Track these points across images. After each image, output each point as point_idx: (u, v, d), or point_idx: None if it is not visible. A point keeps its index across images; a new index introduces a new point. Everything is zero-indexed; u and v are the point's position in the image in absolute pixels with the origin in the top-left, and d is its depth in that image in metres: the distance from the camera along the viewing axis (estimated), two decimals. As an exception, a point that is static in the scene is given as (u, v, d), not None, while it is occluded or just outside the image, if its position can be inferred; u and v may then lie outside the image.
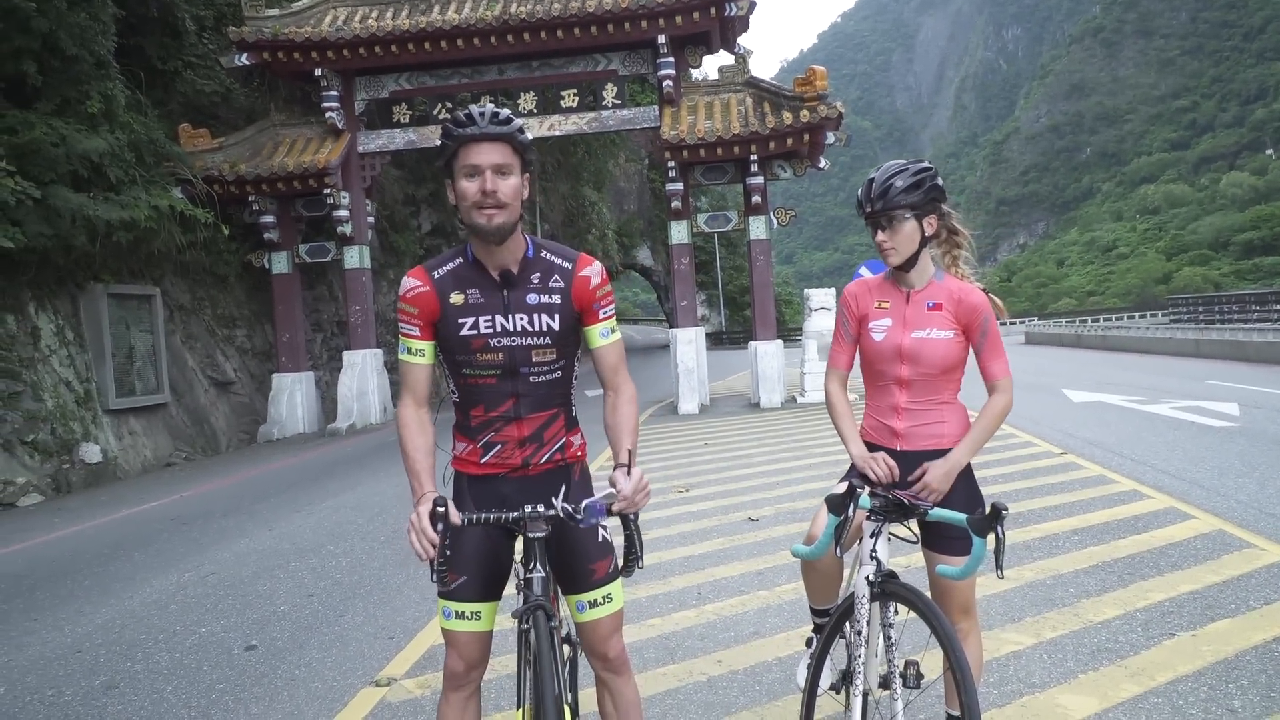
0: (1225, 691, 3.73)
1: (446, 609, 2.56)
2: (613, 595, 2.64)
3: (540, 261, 2.55)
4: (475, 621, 2.56)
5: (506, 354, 2.51)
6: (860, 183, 3.05)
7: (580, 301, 2.55)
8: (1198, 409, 12.90)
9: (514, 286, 2.51)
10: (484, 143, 2.37)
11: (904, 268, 2.99)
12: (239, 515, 9.57)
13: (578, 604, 2.62)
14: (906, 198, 2.88)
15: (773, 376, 17.83)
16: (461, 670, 2.57)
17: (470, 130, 2.37)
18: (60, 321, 14.01)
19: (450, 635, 2.57)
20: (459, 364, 2.55)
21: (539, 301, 2.51)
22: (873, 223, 2.96)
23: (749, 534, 7.03)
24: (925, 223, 2.95)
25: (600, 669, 2.67)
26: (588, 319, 2.58)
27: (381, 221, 21.72)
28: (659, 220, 50.41)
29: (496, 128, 2.37)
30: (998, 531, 2.40)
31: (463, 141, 2.38)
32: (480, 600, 2.57)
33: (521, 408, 2.56)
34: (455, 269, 2.53)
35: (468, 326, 2.49)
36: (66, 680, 4.87)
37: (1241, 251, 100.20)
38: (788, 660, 4.35)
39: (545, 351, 2.53)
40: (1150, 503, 7.24)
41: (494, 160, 2.38)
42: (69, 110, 13.42)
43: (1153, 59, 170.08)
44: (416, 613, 5.63)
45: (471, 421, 2.60)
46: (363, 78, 18.38)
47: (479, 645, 2.59)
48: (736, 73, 18.38)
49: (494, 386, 2.54)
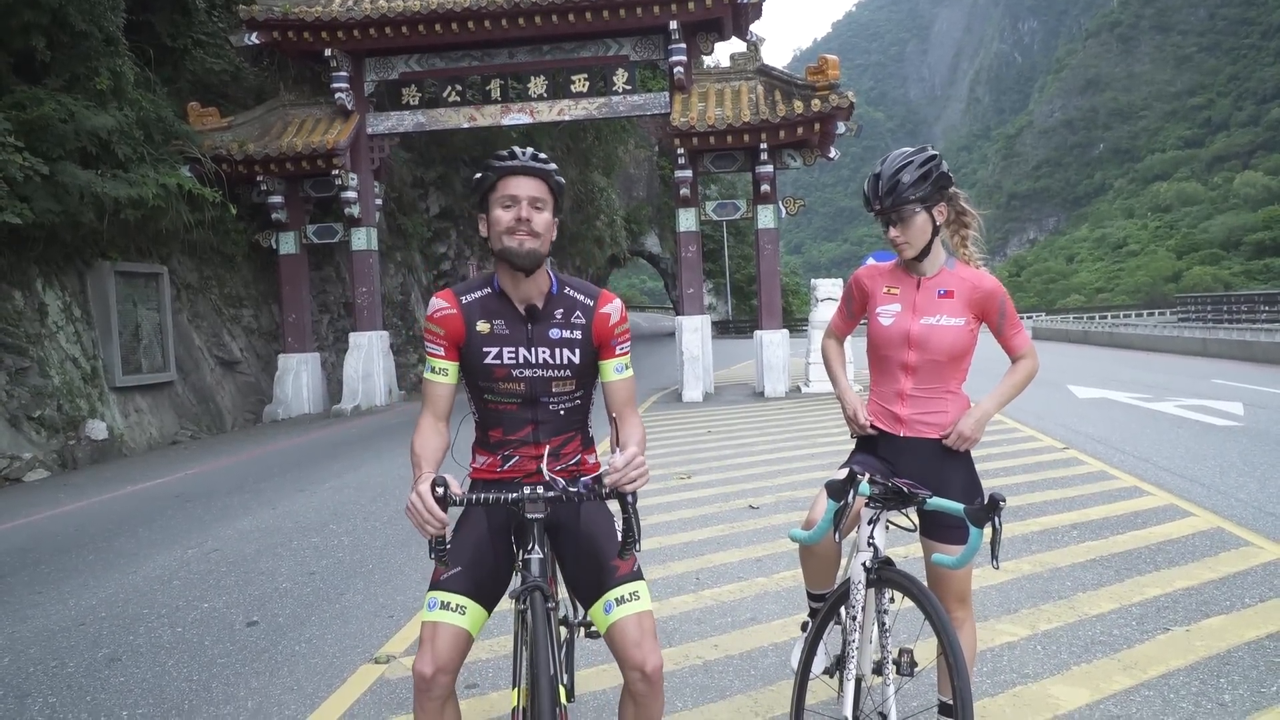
0: (1216, 686, 3.75)
1: (432, 600, 2.51)
2: (640, 593, 2.55)
3: (564, 298, 2.63)
4: (459, 616, 2.48)
5: (528, 384, 2.60)
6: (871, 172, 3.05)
7: (599, 337, 2.64)
8: (1202, 408, 12.89)
9: (538, 321, 2.59)
10: (523, 176, 2.50)
11: (918, 258, 3.01)
12: (243, 493, 9.63)
13: (605, 605, 2.53)
14: (915, 191, 2.89)
15: (778, 366, 17.83)
16: (429, 673, 2.41)
17: (511, 164, 2.49)
18: (67, 298, 14.06)
19: (429, 629, 2.47)
20: (481, 388, 2.64)
21: (561, 336, 2.60)
22: (883, 219, 2.97)
23: (749, 521, 7.06)
24: (935, 212, 2.96)
25: (636, 682, 2.47)
26: (604, 354, 2.66)
27: (389, 204, 21.72)
28: (667, 207, 50.30)
29: (537, 164, 2.50)
30: (994, 522, 2.42)
31: (503, 174, 2.49)
32: (469, 596, 2.52)
33: (540, 433, 2.65)
34: (483, 298, 2.61)
35: (491, 355, 2.58)
36: (69, 652, 4.92)
37: (1253, 251, 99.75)
38: (783, 646, 4.38)
39: (565, 383, 2.64)
40: (1150, 499, 7.25)
41: (531, 193, 2.49)
42: (78, 86, 13.43)
43: (1169, 55, 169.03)
44: (417, 592, 5.67)
45: (490, 439, 2.69)
46: (372, 59, 18.36)
47: (455, 644, 2.46)
48: (748, 60, 18.33)
49: (514, 413, 2.64)
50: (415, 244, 25.09)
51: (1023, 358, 3.12)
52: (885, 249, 3.34)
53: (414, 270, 25.32)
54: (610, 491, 2.35)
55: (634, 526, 2.36)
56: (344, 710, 3.95)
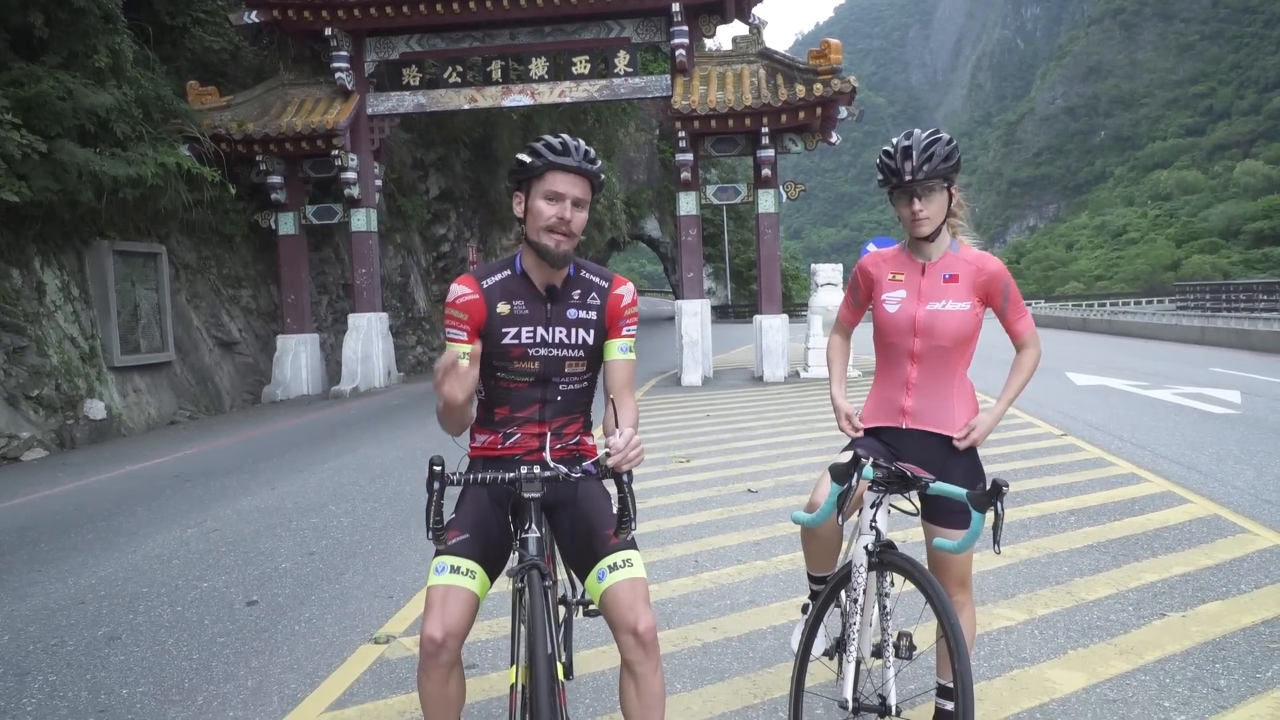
0: (1212, 671, 3.77)
1: (440, 564, 2.51)
2: (633, 560, 2.56)
3: (581, 280, 2.69)
4: (468, 579, 2.49)
5: (542, 364, 2.64)
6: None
7: (611, 317, 2.70)
8: (1200, 395, 12.91)
9: (557, 301, 2.65)
10: (573, 174, 2.52)
11: (930, 238, 2.99)
12: (242, 474, 9.64)
13: (598, 573, 2.54)
14: (945, 166, 2.87)
15: (777, 351, 17.83)
16: (439, 638, 2.40)
17: (564, 160, 2.50)
18: (65, 277, 14.02)
19: (438, 593, 2.46)
20: (494, 367, 2.66)
21: (578, 317, 2.66)
22: (906, 193, 2.91)
23: (748, 505, 7.07)
24: (953, 191, 2.95)
25: (631, 648, 2.46)
26: (611, 333, 2.71)
27: (389, 185, 21.65)
28: (667, 191, 50.17)
29: (589, 165, 2.53)
30: (997, 508, 2.42)
31: (553, 167, 2.50)
32: (477, 561, 2.54)
33: (546, 412, 2.70)
34: (503, 280, 2.65)
35: (510, 335, 2.61)
36: (69, 630, 4.94)
37: (1252, 240, 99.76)
38: (782, 629, 4.40)
39: (578, 364, 2.68)
40: (1147, 486, 7.27)
41: (576, 193, 2.53)
42: (76, 64, 13.35)
43: (1172, 43, 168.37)
44: (416, 573, 5.69)
45: (495, 417, 2.71)
46: (373, 38, 18.27)
47: (465, 607, 2.46)
48: (750, 43, 18.25)
49: (523, 391, 2.68)
50: (415, 226, 25.03)
51: (1026, 346, 3.10)
52: (885, 235, 3.31)
53: (413, 252, 25.28)
54: (608, 471, 2.36)
55: (629, 505, 2.37)
56: (344, 689, 3.96)
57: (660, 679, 2.51)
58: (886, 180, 2.94)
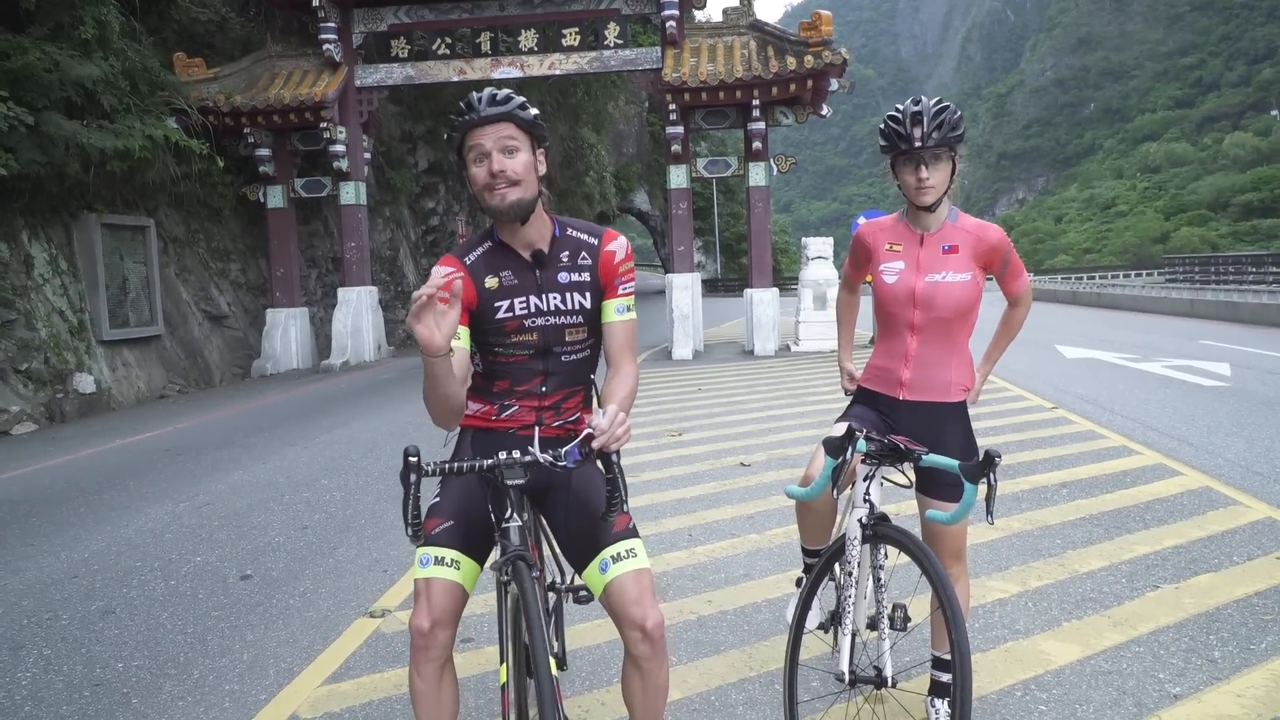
0: (1205, 643, 3.80)
1: (424, 556, 2.41)
2: (636, 550, 2.44)
3: (568, 240, 2.53)
4: (453, 570, 2.40)
5: (540, 334, 2.50)
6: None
7: (605, 276, 2.53)
8: (1190, 368, 12.97)
9: (545, 266, 2.49)
10: (485, 126, 2.36)
11: (931, 208, 2.96)
12: (233, 448, 9.61)
13: (601, 564, 2.42)
14: (953, 135, 2.83)
15: (767, 324, 17.83)
16: (427, 627, 2.33)
17: (470, 117, 2.36)
18: (54, 251, 13.91)
19: (423, 585, 2.38)
20: (490, 344, 2.53)
21: (570, 280, 2.50)
22: (913, 160, 2.86)
23: (740, 479, 7.08)
24: (955, 161, 2.92)
25: (637, 643, 2.37)
26: (607, 293, 2.54)
27: (378, 157, 21.51)
28: (657, 165, 50.01)
29: (495, 108, 2.35)
30: (990, 479, 2.42)
31: (465, 128, 2.37)
32: (461, 550, 2.44)
33: (548, 384, 2.56)
34: (485, 253, 2.51)
35: (503, 309, 2.47)
36: (63, 605, 4.92)
37: (1240, 213, 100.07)
38: (776, 602, 4.41)
39: (578, 330, 2.53)
40: (1139, 458, 7.30)
41: (500, 138, 2.36)
42: (62, 36, 13.17)
43: (1161, 14, 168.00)
44: (410, 547, 5.64)
45: (493, 389, 2.59)
46: (361, 10, 18.06)
47: (451, 598, 2.38)
48: (741, 15, 18.11)
49: (524, 364, 2.54)
50: (404, 199, 24.90)
51: (1019, 303, 3.18)
52: (874, 208, 3.28)
53: (402, 225, 25.15)
54: (594, 453, 2.20)
55: (620, 486, 2.23)
56: (340, 663, 3.97)
57: (665, 671, 2.44)
58: (893, 146, 2.87)
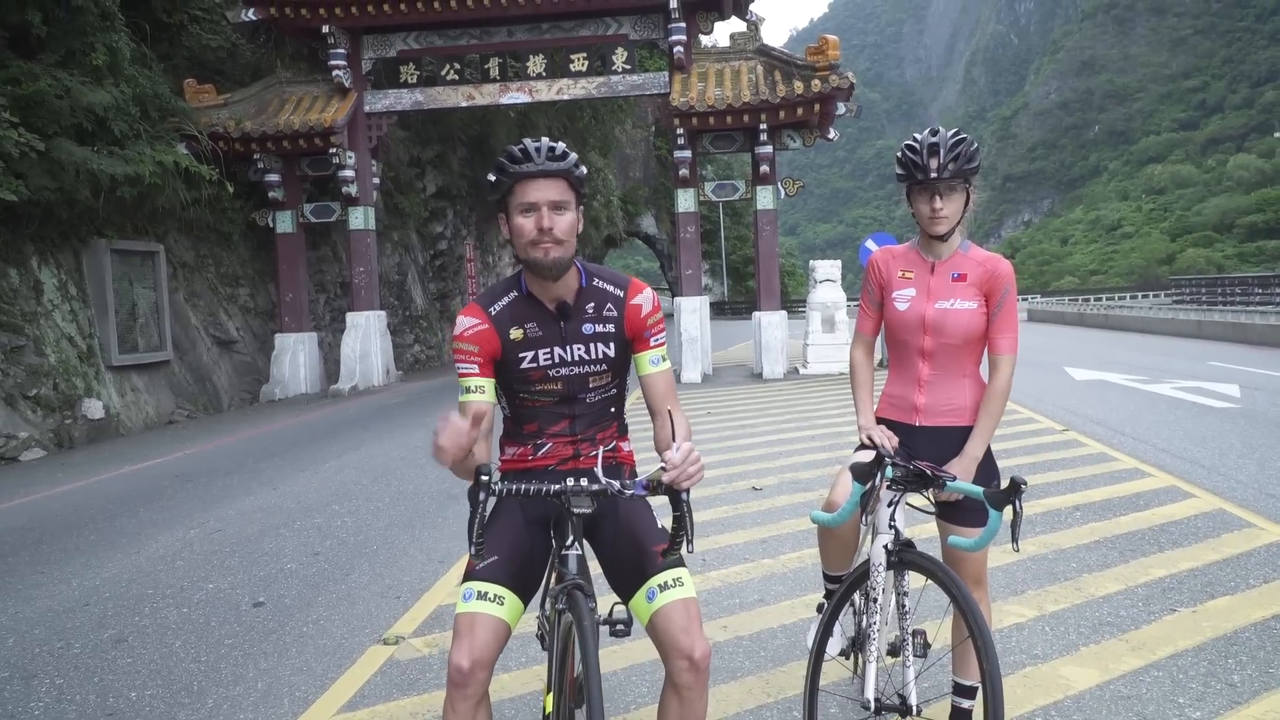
0: (1225, 667, 3.76)
1: (468, 590, 2.38)
2: (684, 580, 2.41)
3: (594, 291, 2.53)
4: (497, 606, 2.36)
5: (565, 383, 2.52)
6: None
7: (632, 329, 2.54)
8: (1199, 390, 12.93)
9: (570, 318, 2.50)
10: (540, 179, 2.34)
11: (944, 237, 2.97)
12: (243, 474, 9.61)
13: (648, 593, 2.39)
14: (969, 166, 2.85)
15: (776, 347, 17.83)
16: (467, 667, 2.28)
17: (526, 167, 2.33)
18: (63, 276, 13.97)
19: (465, 620, 2.34)
20: (515, 390, 2.55)
21: (594, 331, 2.51)
22: (928, 190, 2.88)
23: (753, 503, 7.06)
24: (970, 192, 2.94)
25: (683, 672, 2.33)
26: (638, 346, 2.57)
27: (386, 183, 21.61)
28: (663, 188, 50.18)
29: (554, 164, 2.34)
30: (1015, 505, 2.41)
31: (519, 178, 2.34)
32: (507, 586, 2.40)
33: (577, 426, 2.58)
34: (511, 304, 2.51)
35: (528, 360, 2.49)
36: (75, 633, 4.91)
37: (1245, 234, 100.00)
38: (793, 628, 4.39)
39: (601, 377, 2.56)
40: (1151, 481, 7.27)
41: (550, 197, 2.35)
42: (73, 62, 13.30)
43: (1164, 37, 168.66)
44: (422, 573, 5.67)
45: (524, 431, 2.61)
46: (370, 36, 18.22)
47: (493, 635, 2.33)
48: (748, 40, 18.23)
49: (550, 408, 2.56)
50: (412, 223, 24.99)
51: (1001, 366, 2.98)
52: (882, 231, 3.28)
53: (411, 250, 25.23)
54: (662, 488, 2.18)
55: (687, 524, 2.18)
56: (355, 691, 3.95)
57: (705, 702, 2.41)
58: (909, 175, 2.89)
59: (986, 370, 3.07)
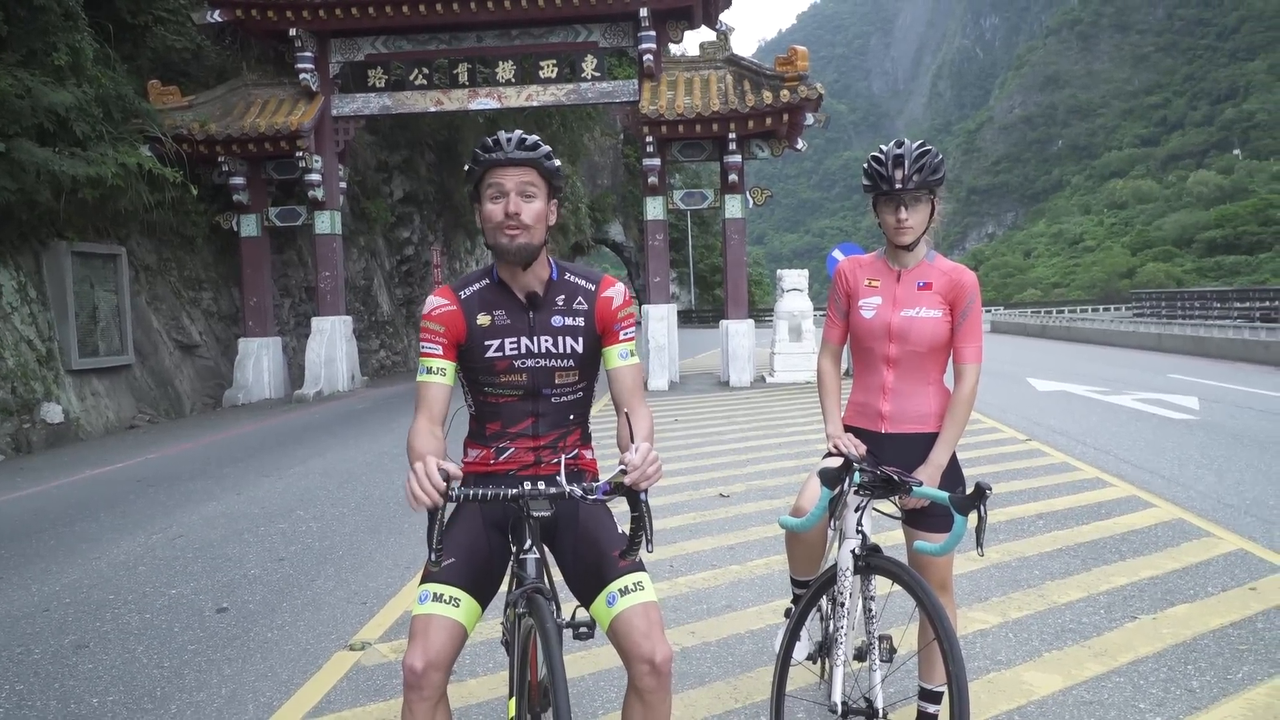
0: (1184, 673, 3.83)
1: (424, 593, 2.38)
2: (644, 584, 2.41)
3: (564, 284, 2.56)
4: (453, 608, 2.36)
5: (530, 375, 2.52)
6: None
7: (602, 323, 2.56)
8: (1159, 401, 13.14)
9: (539, 308, 2.52)
10: (510, 167, 2.41)
11: (909, 247, 3.01)
12: (206, 479, 9.50)
13: (608, 597, 2.39)
14: (933, 178, 2.90)
15: (743, 356, 17.90)
16: (420, 669, 2.27)
17: (496, 155, 2.40)
18: (22, 278, 13.74)
19: (421, 622, 2.34)
20: (480, 382, 2.55)
21: (563, 324, 2.53)
22: (893, 201, 2.92)
23: (720, 509, 7.09)
24: (935, 203, 2.98)
25: (644, 676, 2.32)
26: (608, 339, 2.57)
27: (353, 187, 21.46)
28: (632, 196, 50.27)
29: (522, 153, 2.41)
30: (980, 510, 2.45)
31: (489, 165, 2.41)
32: (463, 589, 2.40)
33: (540, 426, 2.58)
34: (481, 290, 2.55)
35: (493, 348, 2.50)
36: (35, 639, 4.83)
37: (1205, 249, 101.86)
38: (760, 633, 4.41)
39: (568, 374, 2.55)
40: (1113, 490, 7.38)
41: (520, 180, 2.41)
42: (35, 62, 13.08)
43: (1127, 54, 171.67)
44: (389, 578, 5.64)
45: (486, 432, 2.61)
46: (338, 39, 18.10)
47: (449, 637, 2.33)
48: (718, 49, 18.31)
49: (514, 405, 2.56)
50: (379, 228, 24.83)
51: (966, 376, 3.01)
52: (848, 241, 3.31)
53: (377, 255, 25.08)
54: (623, 490, 2.17)
55: (645, 524, 2.19)
56: (320, 697, 3.91)
57: (669, 705, 2.40)
58: (874, 186, 2.94)
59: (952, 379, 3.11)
